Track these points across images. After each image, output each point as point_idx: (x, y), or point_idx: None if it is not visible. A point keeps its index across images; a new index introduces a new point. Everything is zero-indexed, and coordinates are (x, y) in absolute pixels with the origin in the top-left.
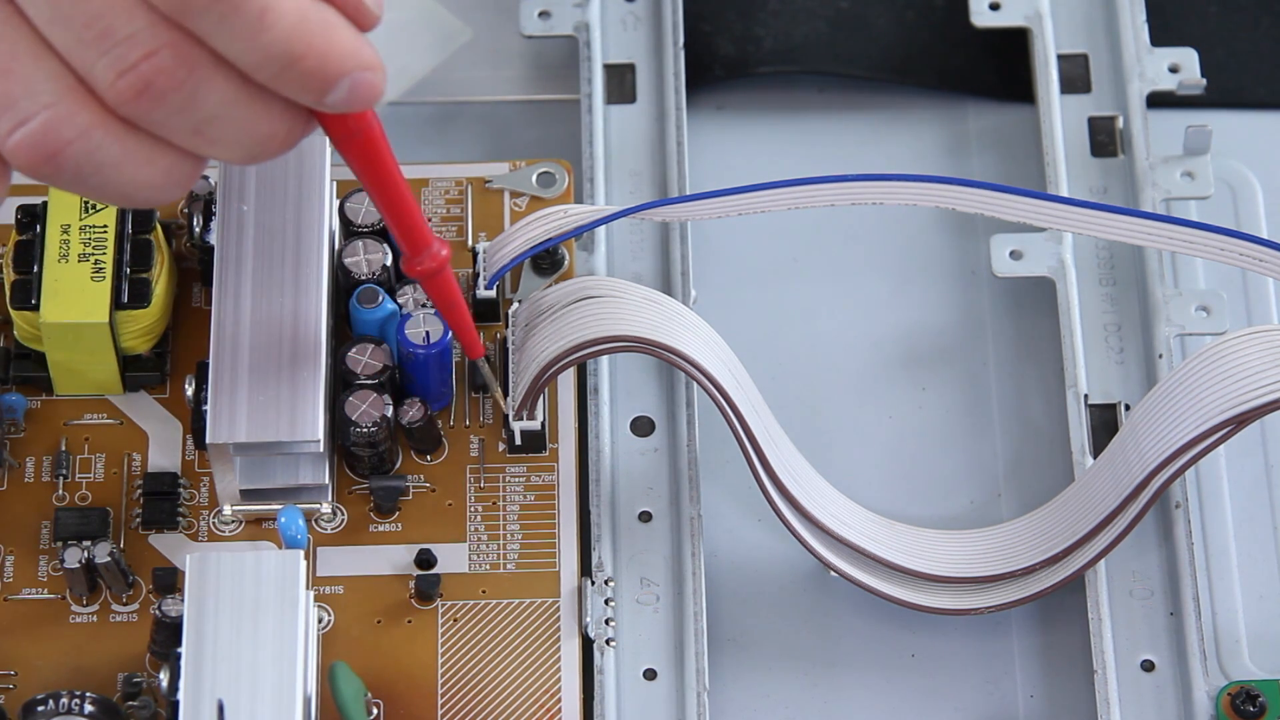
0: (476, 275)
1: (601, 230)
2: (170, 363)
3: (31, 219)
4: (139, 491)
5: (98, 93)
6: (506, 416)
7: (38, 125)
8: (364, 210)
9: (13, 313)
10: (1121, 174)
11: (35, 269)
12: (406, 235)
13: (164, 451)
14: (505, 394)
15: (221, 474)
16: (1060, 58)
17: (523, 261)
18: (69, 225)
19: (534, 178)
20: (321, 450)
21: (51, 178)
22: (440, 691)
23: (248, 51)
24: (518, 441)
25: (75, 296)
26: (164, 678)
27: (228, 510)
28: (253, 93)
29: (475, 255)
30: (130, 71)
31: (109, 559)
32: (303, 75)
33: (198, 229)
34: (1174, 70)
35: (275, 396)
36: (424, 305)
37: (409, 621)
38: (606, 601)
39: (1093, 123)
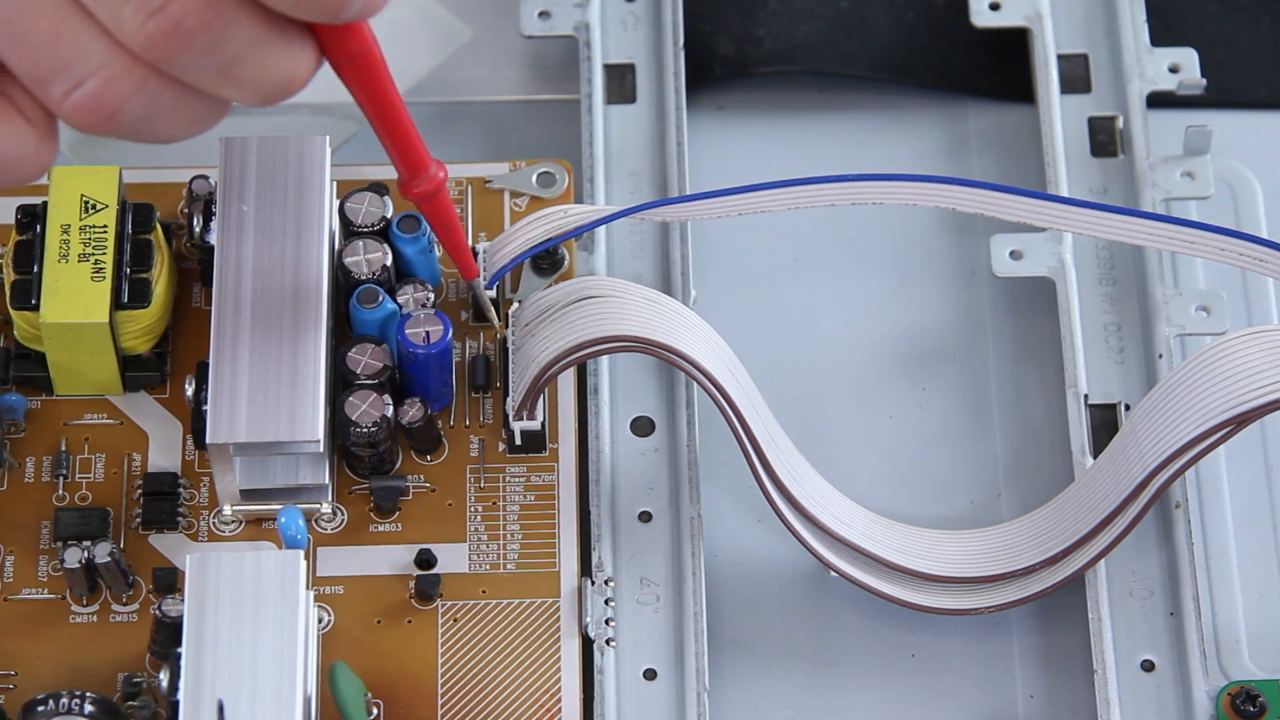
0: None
1: (601, 230)
2: (170, 363)
3: (31, 219)
4: (139, 491)
5: (124, 41)
6: (507, 416)
7: (95, 85)
8: (364, 210)
9: (13, 313)
10: (1121, 174)
11: (35, 269)
12: (404, 156)
13: (164, 451)
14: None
15: (221, 474)
16: (1060, 58)
17: (523, 261)
18: (69, 225)
19: (534, 178)
20: (321, 450)
21: (107, 133)
22: (440, 691)
23: None
24: (518, 441)
25: (75, 296)
26: (164, 678)
27: (228, 510)
28: (274, 28)
29: (475, 255)
30: (159, 13)
31: (109, 559)
32: None
33: (198, 229)
34: (1174, 70)
35: (275, 396)
36: (424, 305)
37: (409, 621)
38: (606, 601)
39: (1093, 123)
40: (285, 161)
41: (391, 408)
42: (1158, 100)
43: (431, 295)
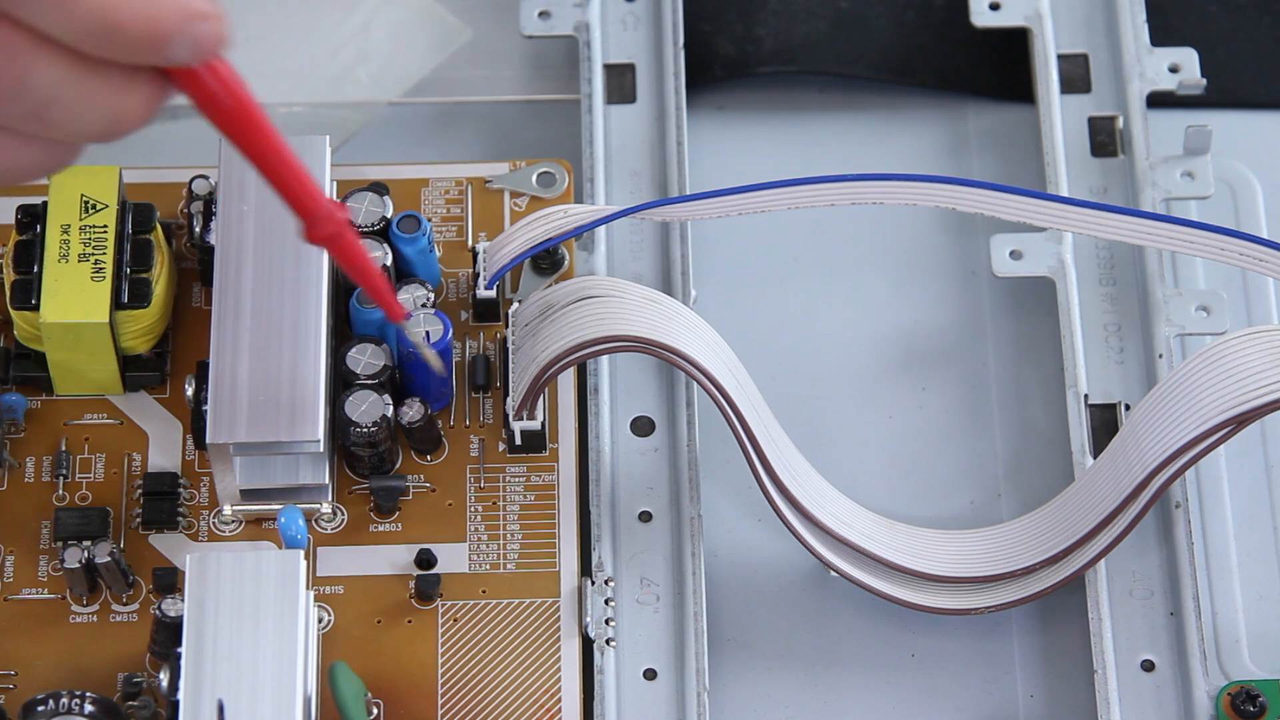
0: (476, 275)
1: (601, 230)
2: (170, 363)
3: (31, 219)
4: (139, 491)
5: None
6: (507, 416)
7: None
8: (364, 210)
9: (13, 313)
10: (1121, 174)
11: (35, 269)
12: (295, 200)
13: (164, 451)
14: (430, 349)
15: (221, 474)
16: (1060, 58)
17: (523, 261)
18: (69, 225)
19: (534, 178)
20: (321, 450)
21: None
22: (440, 691)
23: (65, 27)
24: (518, 441)
25: (75, 296)
26: (164, 678)
27: (228, 510)
28: (87, 67)
29: (475, 255)
30: None
31: (109, 559)
32: (131, 41)
33: (198, 229)
34: (1174, 70)
35: (275, 396)
36: (424, 305)
37: (409, 621)
38: (606, 601)
39: (1093, 123)
40: None
41: (391, 408)
42: (1158, 100)
43: (431, 295)
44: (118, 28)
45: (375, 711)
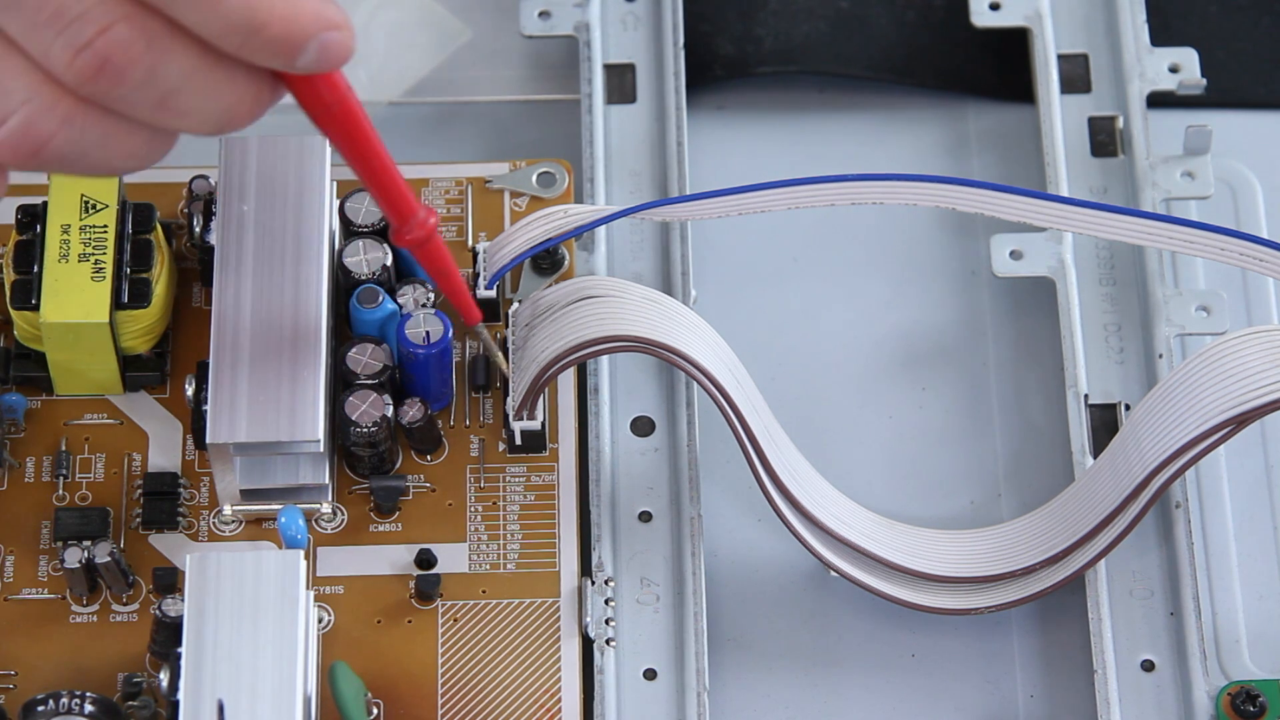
0: (476, 275)
1: (601, 230)
2: (170, 363)
3: (31, 219)
4: (139, 491)
5: (57, 76)
6: (507, 416)
7: (17, 122)
8: (364, 210)
9: (13, 313)
10: (1121, 174)
11: (35, 269)
12: (393, 204)
13: (164, 451)
14: (507, 359)
15: (221, 474)
16: (1060, 58)
17: (523, 261)
18: (69, 225)
19: (534, 178)
20: (321, 450)
21: (39, 168)
22: (440, 691)
23: (209, 21)
24: (518, 441)
25: (75, 296)
26: (164, 678)
27: (228, 510)
28: (215, 61)
29: (475, 255)
30: (87, 49)
31: (109, 559)
32: (269, 41)
33: (198, 229)
34: (1174, 70)
35: (275, 396)
36: (424, 305)
37: (409, 621)
38: (606, 601)
39: (1093, 123)
40: (285, 161)
41: (391, 408)
42: (1158, 100)
43: (431, 295)
44: (260, 27)
45: (375, 711)
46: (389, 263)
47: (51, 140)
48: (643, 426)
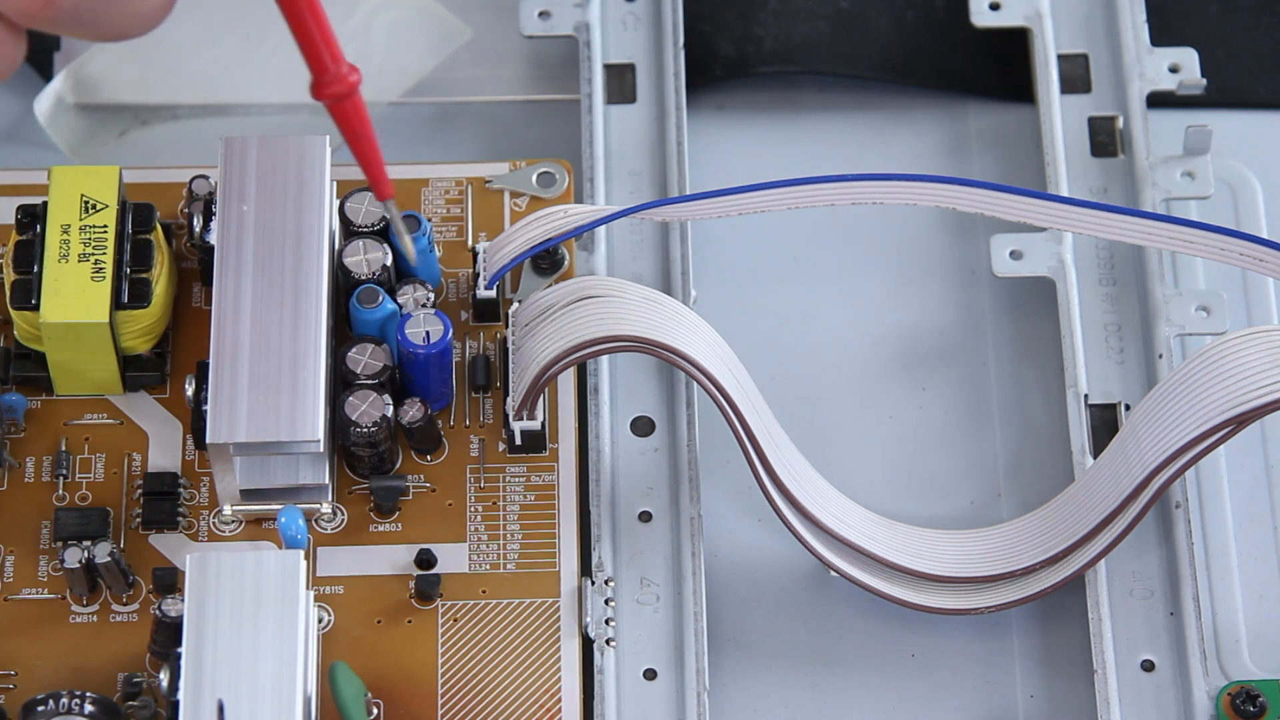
0: (476, 275)
1: (601, 230)
2: (170, 363)
3: (31, 219)
4: (139, 491)
5: None
6: (507, 416)
7: None
8: (364, 210)
9: (13, 313)
10: (1121, 174)
11: (35, 269)
12: (314, 53)
13: (164, 451)
14: (408, 234)
15: (221, 474)
16: (1060, 58)
17: (523, 261)
18: (69, 225)
19: (534, 178)
20: (321, 450)
21: (53, 20)
22: (440, 691)
23: None
24: (518, 441)
25: (75, 296)
26: (164, 678)
27: (228, 510)
28: None
29: (475, 255)
30: None
31: (109, 559)
32: None
33: (198, 229)
34: (1174, 70)
35: (275, 396)
36: (424, 305)
37: (409, 621)
38: (606, 601)
39: (1093, 123)
40: (285, 161)
41: (391, 408)
42: (1158, 100)
43: (431, 295)
44: None
45: (375, 711)
46: (389, 263)
47: None
48: (643, 426)
